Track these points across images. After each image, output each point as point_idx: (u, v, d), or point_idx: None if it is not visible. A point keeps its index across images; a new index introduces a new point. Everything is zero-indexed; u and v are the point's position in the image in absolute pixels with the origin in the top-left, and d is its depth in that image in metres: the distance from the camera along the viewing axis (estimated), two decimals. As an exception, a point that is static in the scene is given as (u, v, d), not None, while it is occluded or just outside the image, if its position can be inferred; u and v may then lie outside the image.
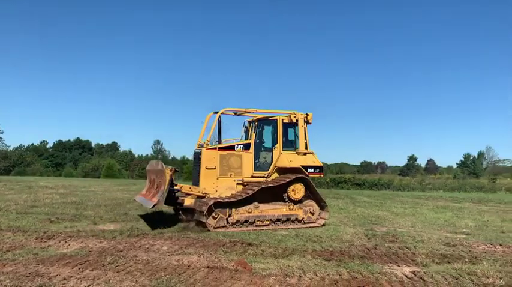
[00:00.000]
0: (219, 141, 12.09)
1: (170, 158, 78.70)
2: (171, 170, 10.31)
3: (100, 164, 58.77)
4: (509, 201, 25.20)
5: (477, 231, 11.80)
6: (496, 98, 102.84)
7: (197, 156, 11.62)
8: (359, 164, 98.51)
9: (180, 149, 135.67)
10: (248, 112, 12.30)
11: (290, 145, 12.17)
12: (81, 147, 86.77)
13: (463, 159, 78.52)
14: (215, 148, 11.41)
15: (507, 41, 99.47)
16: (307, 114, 12.15)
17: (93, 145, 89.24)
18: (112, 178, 48.88)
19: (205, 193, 11.06)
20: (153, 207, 10.40)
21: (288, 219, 11.52)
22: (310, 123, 12.29)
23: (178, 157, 77.27)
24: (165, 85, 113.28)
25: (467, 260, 7.96)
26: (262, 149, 12.16)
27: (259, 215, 11.16)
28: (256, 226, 11.07)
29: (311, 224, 11.74)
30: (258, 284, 5.98)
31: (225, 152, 11.41)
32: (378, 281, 6.34)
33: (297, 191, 11.53)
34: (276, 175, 11.88)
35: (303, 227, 11.46)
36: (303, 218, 11.70)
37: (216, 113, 11.90)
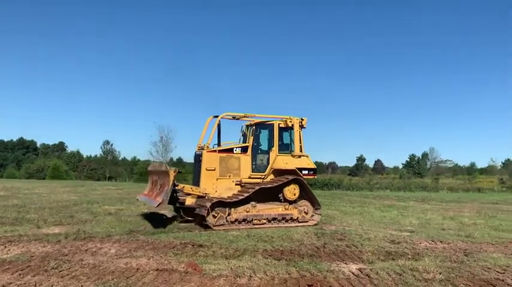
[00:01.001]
0: (219, 144, 12.50)
1: (120, 158, 76.75)
2: (174, 171, 10.89)
3: (46, 165, 56.42)
4: (450, 200, 26.58)
5: (420, 229, 12.34)
6: (439, 101, 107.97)
7: (198, 158, 12.11)
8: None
9: (131, 149, 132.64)
10: (246, 117, 12.74)
11: (286, 148, 12.69)
12: (25, 147, 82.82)
13: (408, 160, 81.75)
14: (215, 151, 11.94)
15: (454, 41, 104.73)
16: (302, 119, 12.74)
17: (38, 145, 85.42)
18: (59, 180, 46.97)
19: (206, 193, 11.55)
20: (157, 206, 10.77)
21: (283, 218, 12.08)
22: (305, 128, 12.89)
23: (129, 158, 75.63)
24: (118, 83, 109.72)
25: (410, 256, 8.30)
26: (260, 151, 12.63)
27: (257, 214, 11.72)
28: (253, 224, 11.61)
29: (305, 223, 12.28)
30: (208, 286, 5.97)
31: (224, 155, 11.95)
32: (326, 279, 6.49)
33: (292, 191, 12.08)
34: (272, 176, 12.40)
35: (298, 226, 11.98)
36: (297, 217, 12.26)
37: (216, 117, 12.36)
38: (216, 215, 11.24)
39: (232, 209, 11.48)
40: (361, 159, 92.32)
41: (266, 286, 6.07)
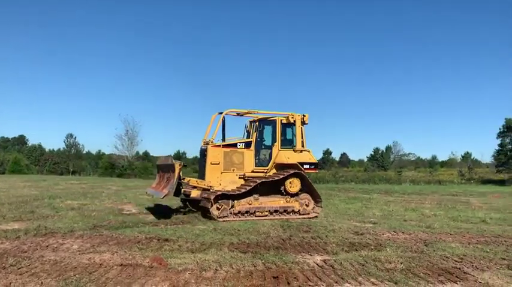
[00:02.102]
0: (223, 140, 12.93)
1: (84, 152, 74.96)
2: (180, 165, 11.53)
3: (5, 159, 54.36)
4: (412, 192, 27.41)
5: (383, 220, 12.67)
6: (402, 96, 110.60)
7: (203, 152, 12.59)
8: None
9: (96, 143, 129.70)
10: (250, 113, 13.25)
11: (288, 143, 13.08)
12: (-17, 141, 79.44)
13: (372, 153, 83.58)
14: (219, 145, 12.43)
15: (414, 36, 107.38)
16: (303, 115, 13.08)
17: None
18: (19, 174, 45.42)
19: (210, 186, 12.06)
20: (163, 197, 11.40)
21: (285, 210, 12.52)
22: (307, 124, 13.25)
23: (94, 151, 73.96)
24: (81, 74, 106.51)
25: (373, 247, 8.51)
26: (263, 147, 13.12)
27: (259, 206, 12.22)
28: (256, 216, 12.08)
29: (306, 216, 12.65)
30: (173, 280, 5.93)
31: (228, 149, 12.46)
32: (291, 270, 6.57)
33: (294, 185, 12.45)
34: (274, 170, 12.83)
35: (299, 218, 12.37)
36: (299, 209, 12.68)
37: (221, 113, 12.82)
38: (220, 207, 11.72)
39: (236, 202, 11.96)
40: (327, 152, 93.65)
41: (232, 278, 6.07)
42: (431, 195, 24.39)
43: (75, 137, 72.02)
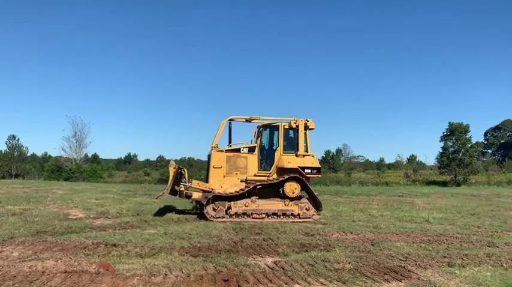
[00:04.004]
0: (229, 145, 13.53)
1: (29, 154, 71.42)
2: (174, 168, 12.62)
3: None
4: (360, 193, 28.19)
5: (332, 221, 12.94)
6: (352, 100, 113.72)
7: (208, 157, 13.27)
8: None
9: (42, 145, 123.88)
10: (253, 119, 13.57)
11: (291, 148, 13.32)
12: None
13: (324, 155, 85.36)
14: (222, 150, 13.06)
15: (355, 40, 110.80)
16: (307, 120, 13.36)
17: None
18: (-46, 178, 42.59)
19: (212, 189, 12.70)
20: (157, 198, 12.88)
21: (283, 214, 12.77)
22: (313, 129, 13.60)
23: (39, 154, 70.80)
24: (24, 73, 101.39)
25: (322, 248, 8.68)
26: (266, 151, 13.55)
27: (256, 208, 12.60)
28: (253, 218, 12.45)
29: (307, 219, 12.76)
30: (121, 286, 5.77)
31: (231, 154, 13.09)
32: (242, 273, 6.57)
33: (292, 189, 12.75)
34: (276, 174, 13.07)
35: (299, 222, 12.51)
36: (298, 213, 12.85)
37: (232, 120, 13.49)
38: (216, 208, 12.40)
39: (232, 203, 12.52)
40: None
41: (182, 283, 5.99)
42: (379, 196, 25.18)
43: (18, 139, 68.46)
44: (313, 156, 13.44)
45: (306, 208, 12.96)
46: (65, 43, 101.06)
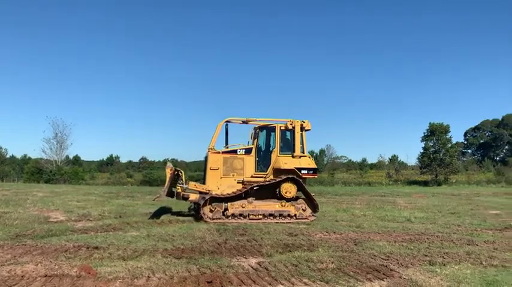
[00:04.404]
0: (226, 146, 13.57)
1: (8, 156, 70.14)
2: (170, 170, 12.64)
3: None
4: (343, 193, 28.43)
5: (316, 221, 12.99)
6: (335, 101, 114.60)
7: (205, 158, 13.39)
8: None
9: (21, 147, 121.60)
10: (249, 121, 13.56)
11: (287, 149, 13.39)
12: None
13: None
14: (219, 152, 13.12)
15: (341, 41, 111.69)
16: (303, 121, 13.40)
17: None
18: None
19: (209, 190, 12.78)
20: (154, 199, 13.50)
21: (280, 214, 12.77)
22: (309, 130, 13.62)
23: (19, 156, 69.58)
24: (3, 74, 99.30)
25: (306, 248, 8.71)
26: (263, 152, 13.66)
27: (253, 210, 12.61)
28: (250, 219, 12.48)
29: (304, 220, 12.74)
30: (103, 289, 5.69)
31: (228, 156, 13.17)
32: (226, 274, 6.55)
33: (288, 189, 12.80)
34: (272, 175, 13.15)
35: (296, 222, 12.52)
36: (295, 214, 12.85)
37: (229, 122, 13.48)
38: (213, 209, 12.46)
39: (229, 204, 12.56)
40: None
41: (165, 285, 5.95)
42: (361, 196, 25.42)
43: (-5, 141, 67.20)
44: (309, 157, 13.52)
45: (302, 209, 12.96)
46: (42, 42, 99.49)
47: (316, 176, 13.77)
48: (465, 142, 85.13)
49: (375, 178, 48.32)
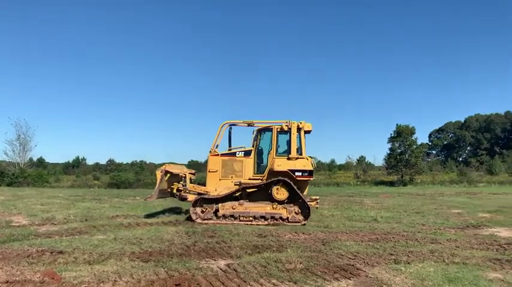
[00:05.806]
0: (229, 149, 13.72)
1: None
2: (161, 171, 12.85)
3: None
4: (312, 194, 28.63)
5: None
6: (300, 105, 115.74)
7: (206, 161, 13.67)
8: (187, 163, 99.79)
9: None
10: (254, 123, 13.66)
11: (284, 150, 13.31)
12: None
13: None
14: (218, 154, 13.27)
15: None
16: (300, 123, 13.28)
17: None
18: None
19: (207, 191, 12.97)
20: (145, 199, 14.06)
21: (272, 217, 12.63)
22: (309, 131, 13.55)
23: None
24: None
25: (275, 249, 8.76)
26: (261, 154, 13.70)
27: (244, 211, 12.63)
28: (241, 221, 12.49)
29: (296, 223, 12.52)
30: (67, 295, 5.56)
31: (226, 158, 13.30)
32: (194, 277, 6.51)
33: (280, 192, 12.68)
34: (267, 178, 13.07)
35: (287, 225, 12.36)
36: (287, 217, 12.68)
37: (232, 125, 13.69)
38: (205, 210, 12.68)
39: (220, 205, 12.63)
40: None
41: (132, 289, 5.86)
42: (330, 196, 25.73)
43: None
44: (307, 159, 13.21)
45: (295, 212, 12.75)
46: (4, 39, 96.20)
47: (312, 178, 13.41)
48: (430, 143, 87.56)
49: (343, 179, 49.02)
